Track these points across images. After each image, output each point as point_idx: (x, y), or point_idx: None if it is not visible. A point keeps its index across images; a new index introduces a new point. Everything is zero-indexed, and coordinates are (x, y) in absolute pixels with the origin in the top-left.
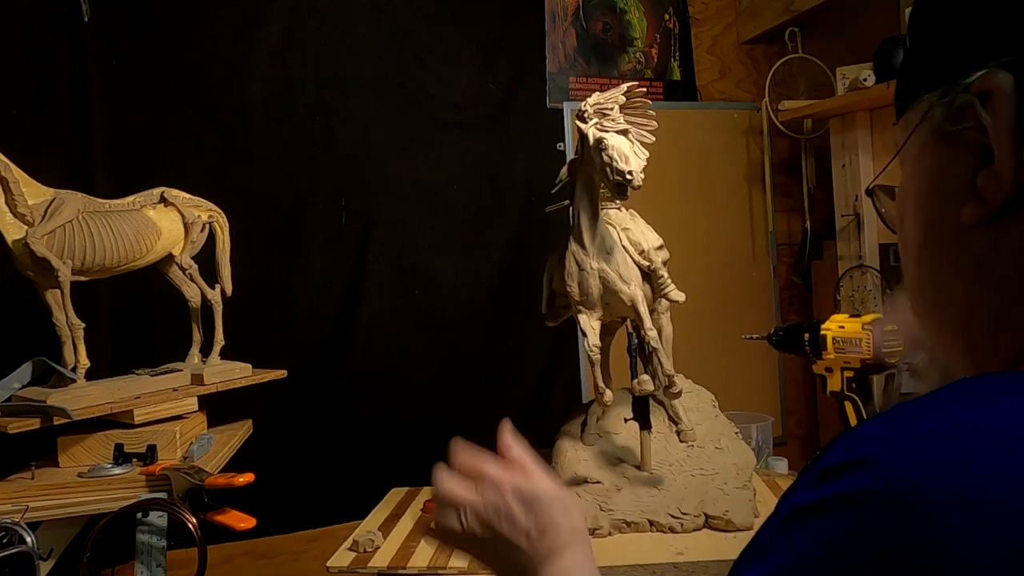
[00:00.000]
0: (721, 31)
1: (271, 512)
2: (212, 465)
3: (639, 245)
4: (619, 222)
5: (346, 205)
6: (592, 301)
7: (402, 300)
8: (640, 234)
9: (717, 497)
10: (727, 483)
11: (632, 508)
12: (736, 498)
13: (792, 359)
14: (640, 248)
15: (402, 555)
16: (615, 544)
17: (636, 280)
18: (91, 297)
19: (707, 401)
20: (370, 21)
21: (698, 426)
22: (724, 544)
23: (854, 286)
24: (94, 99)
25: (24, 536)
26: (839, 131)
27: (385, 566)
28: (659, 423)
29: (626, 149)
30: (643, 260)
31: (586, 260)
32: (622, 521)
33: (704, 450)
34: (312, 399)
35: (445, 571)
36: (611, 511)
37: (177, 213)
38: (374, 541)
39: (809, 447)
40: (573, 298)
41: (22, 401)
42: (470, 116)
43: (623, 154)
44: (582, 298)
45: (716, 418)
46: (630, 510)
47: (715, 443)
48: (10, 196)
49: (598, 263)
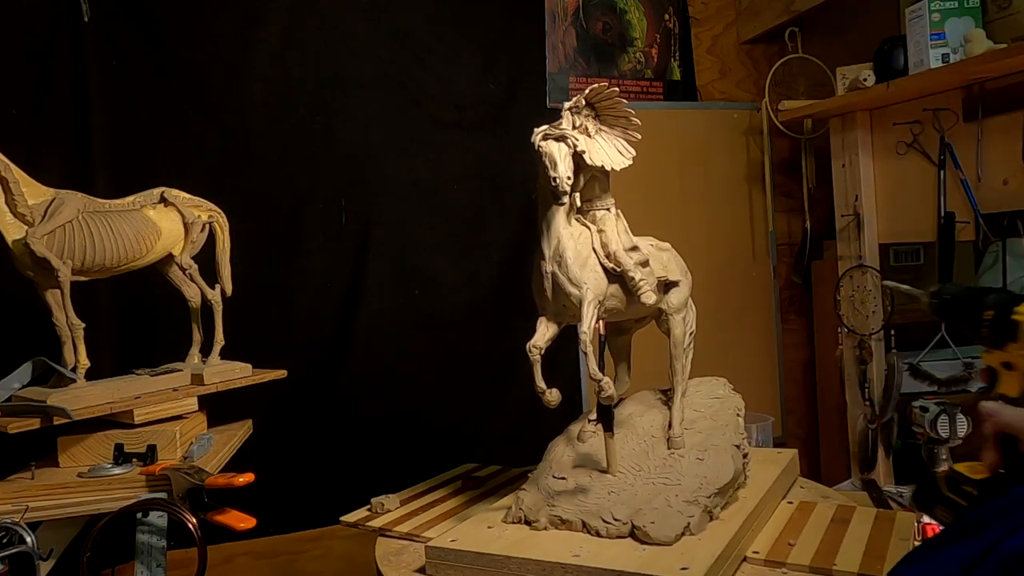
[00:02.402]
0: (721, 31)
1: (271, 512)
2: (212, 465)
3: (607, 247)
4: (601, 223)
5: (346, 205)
6: (546, 303)
7: (402, 300)
8: (612, 236)
9: (656, 508)
10: (677, 496)
11: (573, 508)
12: (671, 513)
13: (793, 359)
14: (607, 250)
15: (401, 521)
16: (537, 537)
17: (592, 283)
18: (91, 297)
19: (731, 409)
20: (370, 21)
21: (698, 434)
22: (624, 555)
23: (854, 286)
24: (94, 99)
25: (24, 536)
26: (839, 131)
27: (380, 527)
28: (656, 427)
29: (556, 155)
30: (608, 262)
31: (542, 264)
32: (558, 518)
33: (684, 459)
34: (312, 399)
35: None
36: (553, 507)
37: (177, 213)
38: (385, 504)
39: (809, 447)
40: (536, 300)
41: (22, 401)
42: (470, 116)
43: (552, 160)
44: (539, 300)
45: (727, 426)
46: (570, 509)
47: (699, 454)
48: (10, 196)
49: (551, 266)
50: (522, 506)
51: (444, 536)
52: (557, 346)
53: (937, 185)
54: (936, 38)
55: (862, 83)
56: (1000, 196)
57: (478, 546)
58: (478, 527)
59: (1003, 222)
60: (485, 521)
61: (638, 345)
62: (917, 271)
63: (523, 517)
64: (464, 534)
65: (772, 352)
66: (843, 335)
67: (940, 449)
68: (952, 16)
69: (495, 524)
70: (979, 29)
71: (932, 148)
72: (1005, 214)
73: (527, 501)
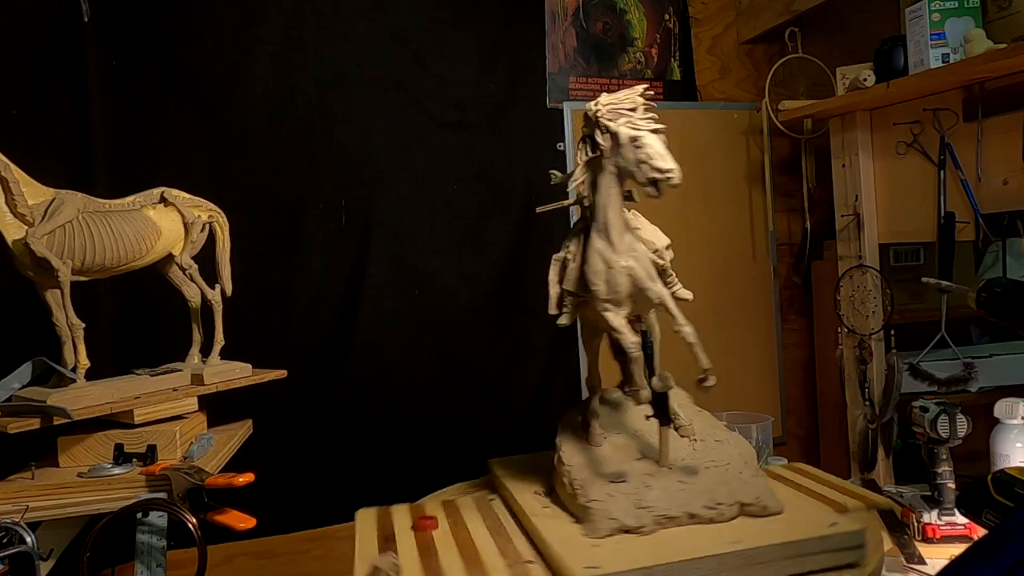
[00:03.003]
0: (721, 31)
1: (271, 512)
2: (212, 465)
3: (652, 244)
4: (634, 220)
5: (346, 205)
6: (621, 299)
7: (402, 300)
8: (651, 233)
9: (740, 486)
10: (742, 473)
11: (671, 504)
12: (757, 485)
13: (793, 359)
14: (654, 247)
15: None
16: (661, 540)
17: (657, 278)
18: (91, 297)
19: (686, 398)
20: (370, 21)
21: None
22: (771, 529)
23: (854, 286)
24: (94, 99)
25: (24, 536)
26: (839, 131)
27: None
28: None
29: (662, 148)
30: (657, 259)
31: (614, 258)
32: (664, 517)
33: (705, 443)
34: (312, 399)
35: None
36: (650, 508)
37: (177, 213)
38: (397, 566)
39: (809, 447)
40: (599, 296)
41: (22, 401)
42: (470, 116)
43: (660, 152)
44: (610, 296)
45: (701, 414)
46: (670, 507)
47: (713, 436)
48: (10, 196)
49: (627, 261)
50: (615, 516)
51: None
52: (557, 346)
53: (937, 185)
54: (936, 38)
55: (862, 83)
56: (1000, 196)
57: (624, 564)
58: (584, 549)
59: (1003, 222)
60: (579, 544)
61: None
62: (917, 271)
63: (620, 527)
64: (600, 559)
65: (772, 352)
66: (843, 335)
67: (940, 449)
68: (952, 16)
69: (596, 543)
70: (979, 29)
71: (932, 148)
72: (1005, 214)
73: (616, 511)
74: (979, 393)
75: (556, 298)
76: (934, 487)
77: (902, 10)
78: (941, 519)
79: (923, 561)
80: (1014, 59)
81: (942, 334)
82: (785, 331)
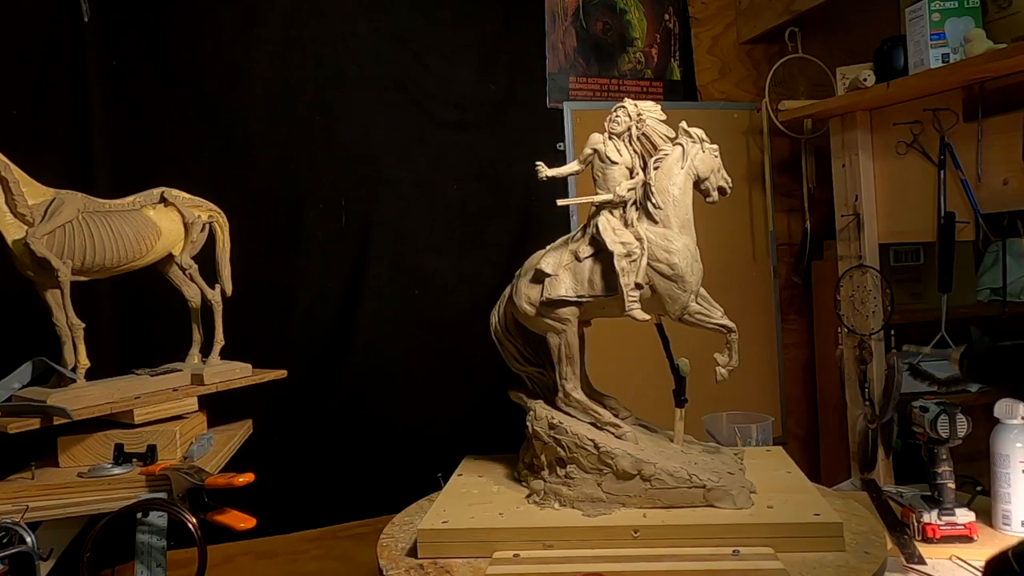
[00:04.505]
0: (721, 31)
1: (271, 512)
2: (212, 465)
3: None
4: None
5: (346, 205)
6: (695, 286)
7: (402, 300)
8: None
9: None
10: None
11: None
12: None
13: (793, 359)
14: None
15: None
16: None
17: None
18: (91, 297)
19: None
20: (370, 21)
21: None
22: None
23: (854, 286)
24: (94, 99)
25: (24, 536)
26: (839, 131)
27: None
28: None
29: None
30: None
31: (694, 249)
32: (719, 488)
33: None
34: (312, 399)
35: None
36: (703, 477)
37: (177, 213)
38: None
39: (809, 447)
40: (690, 289)
41: (22, 401)
42: (470, 116)
43: (727, 177)
44: (694, 282)
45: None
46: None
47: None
48: (10, 196)
49: (694, 248)
50: (704, 478)
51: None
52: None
53: (937, 185)
54: (936, 38)
55: (862, 83)
56: (1000, 196)
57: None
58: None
59: (1003, 222)
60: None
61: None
62: (917, 271)
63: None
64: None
65: (772, 352)
66: (843, 335)
67: (940, 449)
68: (952, 16)
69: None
70: (979, 29)
71: (932, 148)
72: (1005, 214)
73: (706, 475)
74: (979, 393)
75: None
76: (934, 487)
77: (902, 10)
78: (941, 519)
79: (923, 561)
80: (1014, 59)
81: (942, 334)
82: (785, 331)
